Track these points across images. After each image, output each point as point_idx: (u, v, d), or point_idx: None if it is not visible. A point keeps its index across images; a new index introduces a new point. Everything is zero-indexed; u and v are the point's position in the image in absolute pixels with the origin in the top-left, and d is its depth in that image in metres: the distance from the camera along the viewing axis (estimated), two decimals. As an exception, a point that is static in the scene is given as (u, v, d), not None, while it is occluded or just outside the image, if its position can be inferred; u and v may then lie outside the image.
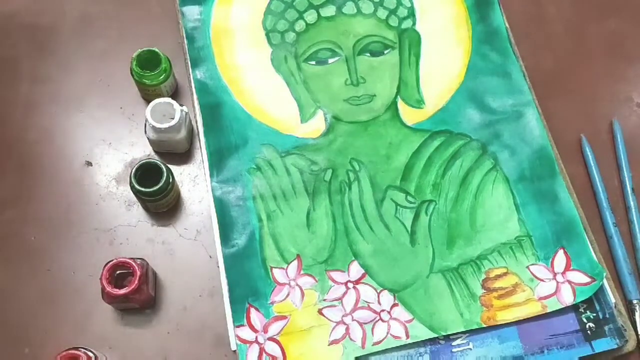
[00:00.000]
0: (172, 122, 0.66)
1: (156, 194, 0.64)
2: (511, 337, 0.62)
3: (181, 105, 0.67)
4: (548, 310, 0.63)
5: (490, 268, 0.65)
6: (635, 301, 0.65)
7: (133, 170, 0.64)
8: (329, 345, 0.61)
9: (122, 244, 0.67)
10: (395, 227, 0.66)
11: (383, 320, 0.63)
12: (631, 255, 0.68)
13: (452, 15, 0.76)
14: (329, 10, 0.75)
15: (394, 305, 0.63)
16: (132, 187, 0.64)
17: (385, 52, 0.74)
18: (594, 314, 0.63)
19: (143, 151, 0.71)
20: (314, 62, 0.73)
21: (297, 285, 0.64)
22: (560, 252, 0.65)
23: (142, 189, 0.64)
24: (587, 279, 0.64)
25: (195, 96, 0.71)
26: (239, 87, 0.72)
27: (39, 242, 0.67)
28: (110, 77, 0.74)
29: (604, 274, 0.64)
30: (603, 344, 0.62)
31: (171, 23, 0.75)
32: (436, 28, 0.75)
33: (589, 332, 0.62)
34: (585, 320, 0.63)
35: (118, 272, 0.62)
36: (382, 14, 0.76)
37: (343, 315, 0.63)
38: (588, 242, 0.66)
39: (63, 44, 0.76)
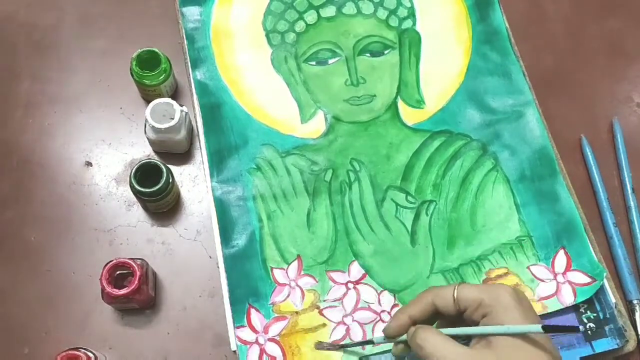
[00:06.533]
0: (172, 122, 0.66)
1: (156, 194, 0.64)
2: (511, 337, 0.62)
3: (181, 105, 0.67)
4: (548, 311, 0.62)
5: (490, 268, 0.65)
6: (635, 301, 0.65)
7: (133, 171, 0.64)
8: (329, 345, 0.62)
9: (122, 244, 0.67)
10: (395, 228, 0.66)
11: (383, 321, 0.62)
12: (631, 255, 0.68)
13: (452, 16, 0.76)
14: (329, 11, 0.75)
15: (395, 305, 0.63)
16: (132, 188, 0.64)
17: (386, 52, 0.74)
18: (595, 314, 0.63)
19: (143, 151, 0.71)
20: (314, 63, 0.73)
21: (297, 285, 0.64)
22: (561, 252, 0.65)
23: (142, 189, 0.63)
24: (587, 279, 0.64)
25: (195, 96, 0.71)
26: (239, 88, 0.72)
27: (39, 242, 0.67)
28: (110, 77, 0.74)
29: (605, 274, 0.64)
30: (603, 344, 0.62)
31: (171, 23, 0.75)
32: (436, 28, 0.75)
33: (589, 332, 0.62)
34: (585, 321, 0.63)
35: (118, 272, 0.62)
36: (382, 14, 0.75)
37: (343, 316, 0.63)
38: (589, 242, 0.66)
39: (63, 44, 0.76)
